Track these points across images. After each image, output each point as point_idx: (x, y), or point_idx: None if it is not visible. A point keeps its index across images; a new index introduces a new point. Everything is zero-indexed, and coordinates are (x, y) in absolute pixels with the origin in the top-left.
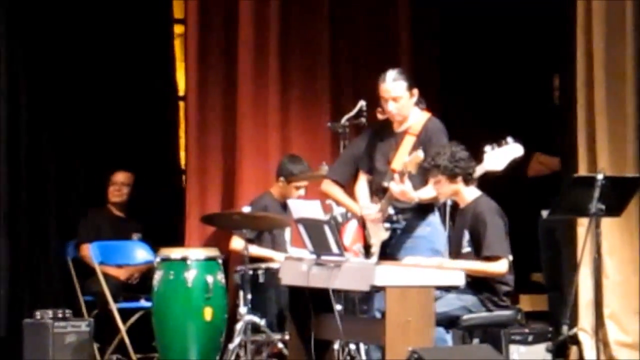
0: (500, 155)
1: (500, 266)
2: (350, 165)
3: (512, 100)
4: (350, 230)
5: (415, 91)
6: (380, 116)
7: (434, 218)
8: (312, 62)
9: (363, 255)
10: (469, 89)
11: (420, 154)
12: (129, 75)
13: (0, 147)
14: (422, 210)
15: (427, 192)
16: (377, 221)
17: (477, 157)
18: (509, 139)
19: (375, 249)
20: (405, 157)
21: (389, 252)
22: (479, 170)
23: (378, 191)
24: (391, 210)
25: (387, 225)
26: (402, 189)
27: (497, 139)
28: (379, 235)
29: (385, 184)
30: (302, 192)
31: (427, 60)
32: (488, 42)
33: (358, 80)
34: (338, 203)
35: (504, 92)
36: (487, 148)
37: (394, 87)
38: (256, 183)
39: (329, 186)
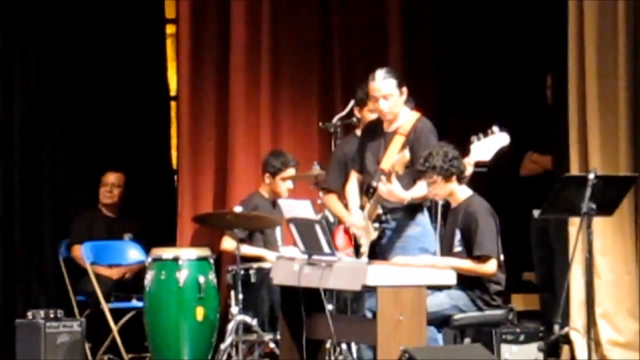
0: (487, 145)
1: (489, 266)
2: (339, 171)
3: (505, 98)
4: (343, 233)
5: (405, 89)
6: (362, 113)
7: (423, 218)
8: (304, 63)
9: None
10: (462, 88)
11: (406, 154)
12: (121, 75)
13: None
14: (411, 210)
15: (418, 191)
16: (363, 229)
17: (469, 150)
18: (495, 128)
19: (365, 249)
20: (394, 157)
21: (379, 252)
22: (469, 166)
23: (368, 191)
24: (380, 210)
25: (376, 225)
26: (390, 189)
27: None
28: (368, 235)
29: (374, 183)
30: (290, 184)
31: (419, 60)
32: (480, 42)
33: (349, 81)
34: (336, 215)
35: (497, 91)
36: (474, 138)
37: (385, 85)
38: (248, 183)
39: (326, 199)
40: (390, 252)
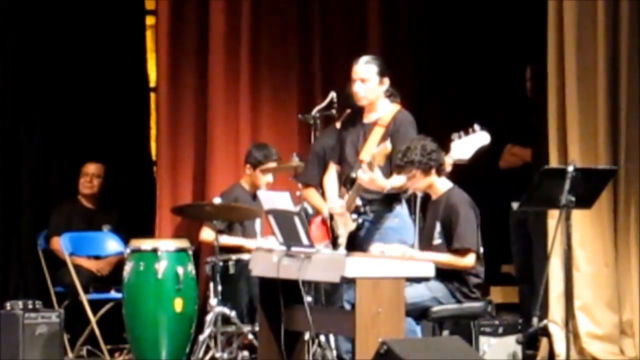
0: (467, 144)
1: (468, 260)
2: (317, 165)
3: (485, 91)
4: (320, 224)
5: (386, 80)
6: None
7: (402, 210)
8: (283, 54)
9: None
10: (442, 81)
11: (388, 145)
12: (101, 66)
13: None
14: (390, 201)
15: (397, 180)
16: (343, 215)
17: (449, 148)
18: (476, 127)
19: (343, 240)
20: (374, 148)
21: (357, 243)
22: (448, 163)
23: (346, 182)
24: (359, 202)
25: (355, 216)
26: (371, 177)
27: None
28: (346, 226)
29: (354, 174)
30: (270, 178)
31: (399, 51)
32: (460, 34)
33: (328, 72)
34: (314, 208)
35: (477, 83)
36: (454, 136)
37: (365, 69)
38: (227, 174)
39: (305, 192)
40: (369, 243)
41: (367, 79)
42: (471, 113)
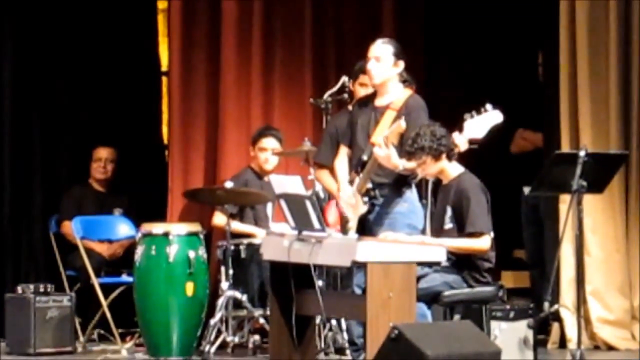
0: (480, 123)
1: (483, 242)
2: (331, 146)
3: (497, 75)
4: (334, 209)
5: (401, 63)
6: (354, 87)
7: (411, 194)
8: (296, 38)
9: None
10: (454, 65)
11: (402, 124)
12: (112, 50)
13: None
14: (399, 186)
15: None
16: (353, 205)
17: (461, 127)
18: (488, 106)
19: (353, 224)
20: (386, 130)
21: (367, 227)
22: (461, 143)
23: (357, 165)
24: (369, 185)
25: (365, 199)
26: (387, 153)
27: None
28: (356, 210)
29: (365, 157)
30: (268, 155)
31: (411, 36)
32: (473, 18)
33: (341, 56)
34: (328, 190)
35: (489, 68)
36: (467, 116)
37: (381, 48)
38: (239, 158)
39: (318, 174)
40: (378, 228)
41: (382, 58)
42: (483, 97)
